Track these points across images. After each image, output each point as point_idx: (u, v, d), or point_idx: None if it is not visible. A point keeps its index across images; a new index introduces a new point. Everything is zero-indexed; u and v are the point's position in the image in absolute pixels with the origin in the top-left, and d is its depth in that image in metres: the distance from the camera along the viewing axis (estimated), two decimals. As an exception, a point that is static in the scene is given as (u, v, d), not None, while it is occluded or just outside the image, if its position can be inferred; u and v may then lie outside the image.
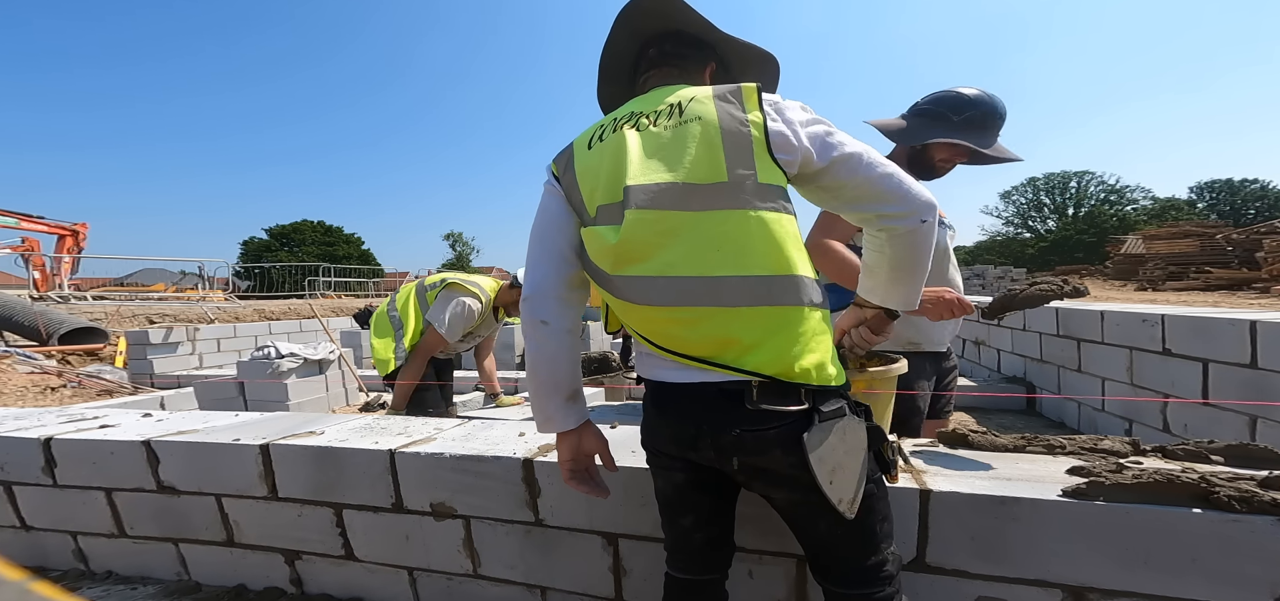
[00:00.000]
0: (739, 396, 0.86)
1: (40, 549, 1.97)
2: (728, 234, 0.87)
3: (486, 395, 3.48)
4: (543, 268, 1.03)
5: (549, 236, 1.03)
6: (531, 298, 1.03)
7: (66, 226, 16.72)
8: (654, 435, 1.01)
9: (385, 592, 1.63)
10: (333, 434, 1.67)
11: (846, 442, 0.85)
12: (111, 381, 5.79)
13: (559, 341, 1.02)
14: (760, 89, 0.93)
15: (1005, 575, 1.07)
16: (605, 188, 0.94)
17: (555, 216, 1.03)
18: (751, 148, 0.88)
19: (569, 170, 1.01)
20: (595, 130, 1.03)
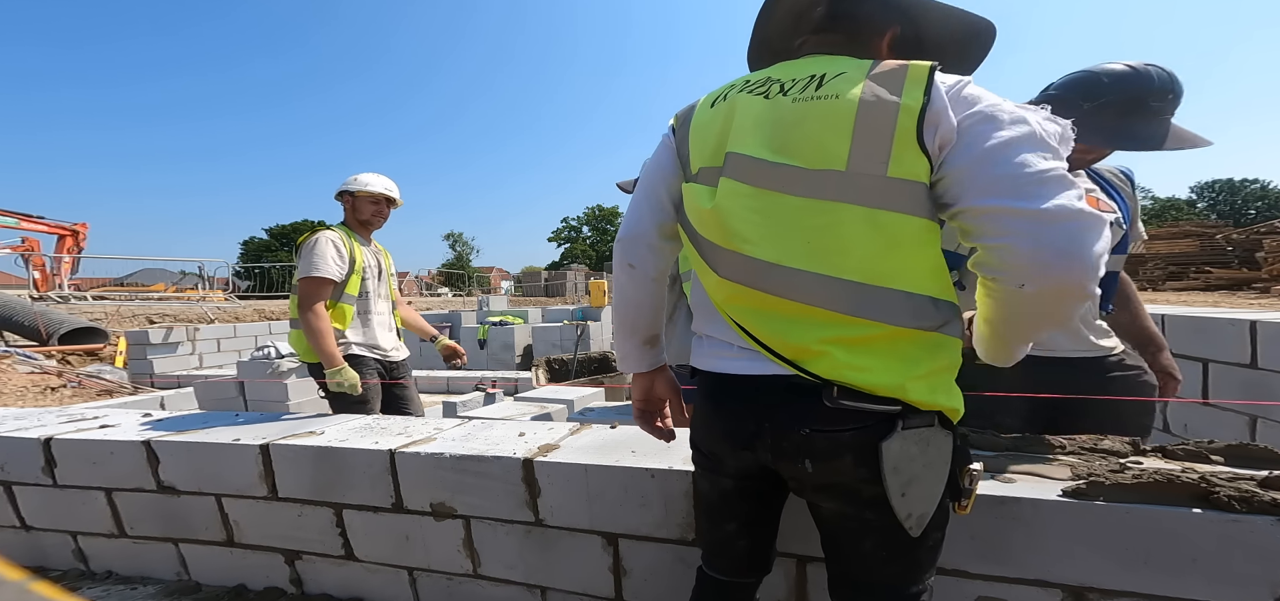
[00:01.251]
0: (815, 392, 0.78)
1: (40, 549, 1.97)
2: (824, 228, 0.78)
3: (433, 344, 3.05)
4: (640, 212, 1.01)
5: (652, 184, 1.01)
6: (625, 240, 1.02)
7: (66, 226, 16.73)
8: (706, 432, 0.96)
9: (385, 592, 1.63)
10: (333, 434, 1.67)
11: (928, 455, 0.78)
12: (111, 381, 5.79)
13: (642, 287, 1.03)
14: (935, 69, 0.76)
15: (1005, 575, 1.07)
16: (712, 148, 0.89)
17: (662, 166, 1.00)
18: (892, 135, 0.74)
19: (686, 124, 0.97)
20: (724, 89, 0.95)
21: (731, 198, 0.85)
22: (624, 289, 1.04)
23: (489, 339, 7.66)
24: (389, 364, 2.59)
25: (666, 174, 0.99)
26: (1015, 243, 0.69)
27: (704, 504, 1.02)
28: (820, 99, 0.80)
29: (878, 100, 0.76)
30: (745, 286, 0.84)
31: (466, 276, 38.05)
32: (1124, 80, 1.25)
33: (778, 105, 0.84)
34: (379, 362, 2.53)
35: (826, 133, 0.78)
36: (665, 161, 1.00)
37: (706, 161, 0.90)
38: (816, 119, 0.79)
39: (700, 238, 0.91)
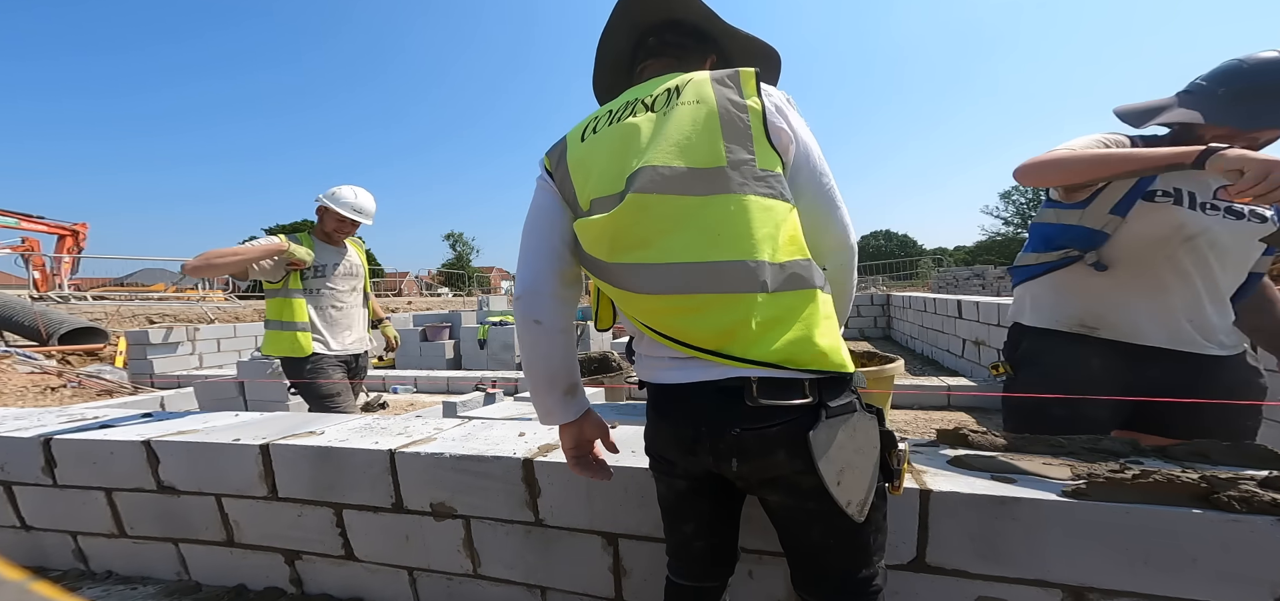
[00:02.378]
0: (738, 393, 0.83)
1: (40, 549, 1.97)
2: (728, 218, 0.84)
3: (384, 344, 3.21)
4: (535, 265, 1.00)
5: (541, 232, 1.00)
6: (524, 296, 1.00)
7: (66, 226, 16.73)
8: (655, 439, 1.00)
9: (385, 592, 1.63)
10: (333, 434, 1.67)
11: (856, 440, 0.82)
12: (111, 381, 5.79)
13: (552, 340, 1.00)
14: (758, 74, 0.91)
15: (1005, 575, 1.07)
16: (599, 179, 0.92)
17: (547, 211, 1.00)
18: (750, 132, 0.87)
19: (562, 163, 0.99)
20: (589, 122, 1.01)
21: (640, 212, 0.87)
22: (535, 345, 1.01)
23: (489, 339, 7.66)
24: (347, 358, 2.77)
25: (554, 218, 1.00)
26: (834, 239, 0.95)
27: (663, 505, 1.05)
28: (684, 105, 0.90)
29: (729, 104, 0.89)
30: (673, 294, 0.87)
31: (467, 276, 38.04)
32: (1260, 65, 1.25)
33: (651, 119, 0.92)
34: (339, 358, 2.71)
35: (702, 133, 0.87)
36: (549, 206, 1.01)
37: (600, 191, 0.92)
38: (690, 123, 0.88)
39: (608, 265, 0.92)
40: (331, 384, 2.64)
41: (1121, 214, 1.33)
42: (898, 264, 28.71)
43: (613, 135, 0.94)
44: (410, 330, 8.24)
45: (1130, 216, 1.33)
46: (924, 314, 7.73)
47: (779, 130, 0.89)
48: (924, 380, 4.96)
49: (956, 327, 6.29)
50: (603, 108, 1.02)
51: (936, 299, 7.12)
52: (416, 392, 6.16)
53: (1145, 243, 1.33)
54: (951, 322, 6.45)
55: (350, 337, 2.78)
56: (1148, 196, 1.31)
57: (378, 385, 6.18)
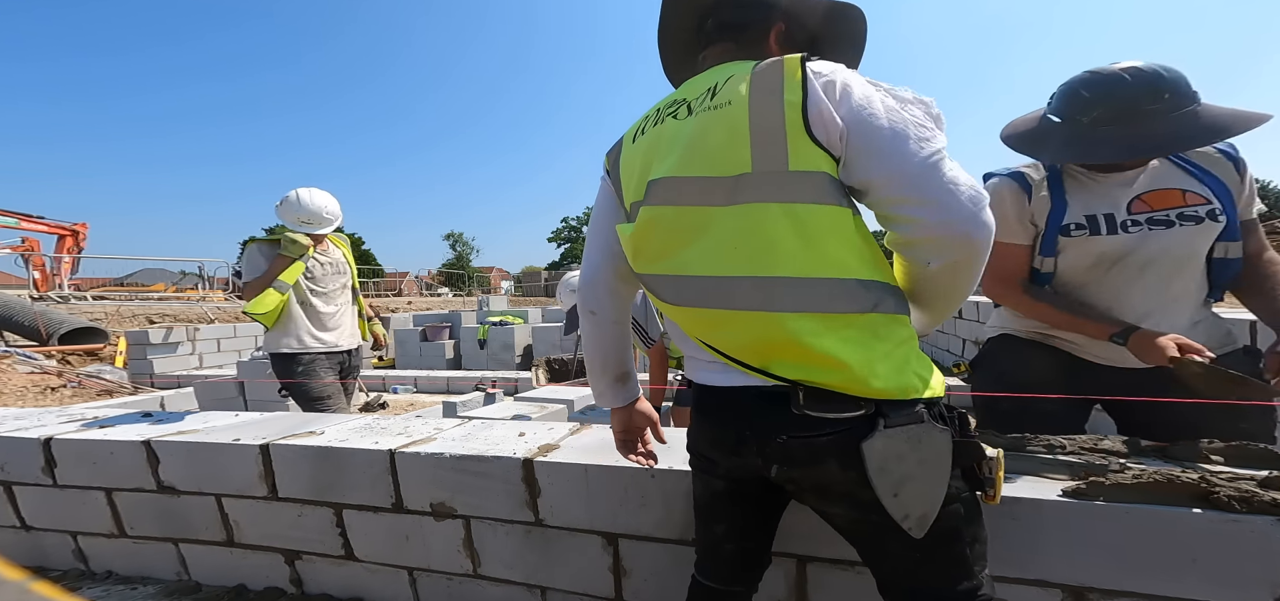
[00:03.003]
0: (784, 399, 0.78)
1: (40, 549, 1.97)
2: (748, 231, 0.78)
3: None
4: (594, 259, 1.04)
5: (600, 228, 1.03)
6: (584, 287, 1.05)
7: (66, 226, 16.74)
8: (697, 438, 0.97)
9: (385, 592, 1.63)
10: (333, 434, 1.67)
11: (921, 452, 0.74)
12: (111, 381, 5.79)
13: (606, 331, 1.06)
14: (805, 59, 0.78)
15: (1005, 575, 1.07)
16: (635, 185, 0.92)
17: (605, 209, 1.03)
18: (783, 130, 0.76)
19: (617, 164, 1.00)
20: (642, 122, 0.97)
21: (655, 224, 0.87)
22: (590, 334, 1.07)
23: (489, 339, 7.65)
24: (338, 355, 2.80)
25: (611, 216, 1.02)
26: (917, 229, 0.76)
27: (697, 504, 1.03)
28: (716, 108, 0.82)
29: (764, 99, 0.78)
30: (693, 307, 0.85)
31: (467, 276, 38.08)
32: (1114, 85, 1.23)
33: (685, 123, 0.86)
34: (330, 355, 2.74)
35: (726, 138, 0.80)
36: (607, 204, 1.03)
37: (634, 196, 0.92)
38: (717, 127, 0.81)
39: (640, 273, 0.94)
40: (323, 385, 2.63)
41: (1051, 254, 1.36)
42: (898, 264, 28.55)
43: (651, 139, 0.91)
44: (410, 330, 8.24)
45: (1058, 254, 1.35)
46: (924, 314, 7.71)
47: (824, 121, 0.76)
48: (924, 380, 4.94)
49: (957, 327, 6.29)
50: (654, 106, 0.98)
51: (936, 299, 7.11)
52: (416, 392, 6.15)
53: (1079, 271, 1.35)
54: (951, 323, 6.46)
55: (341, 335, 2.78)
56: (1064, 231, 1.33)
57: (378, 385, 6.18)
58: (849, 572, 1.17)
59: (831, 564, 1.18)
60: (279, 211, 2.67)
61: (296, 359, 2.61)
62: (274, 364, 2.66)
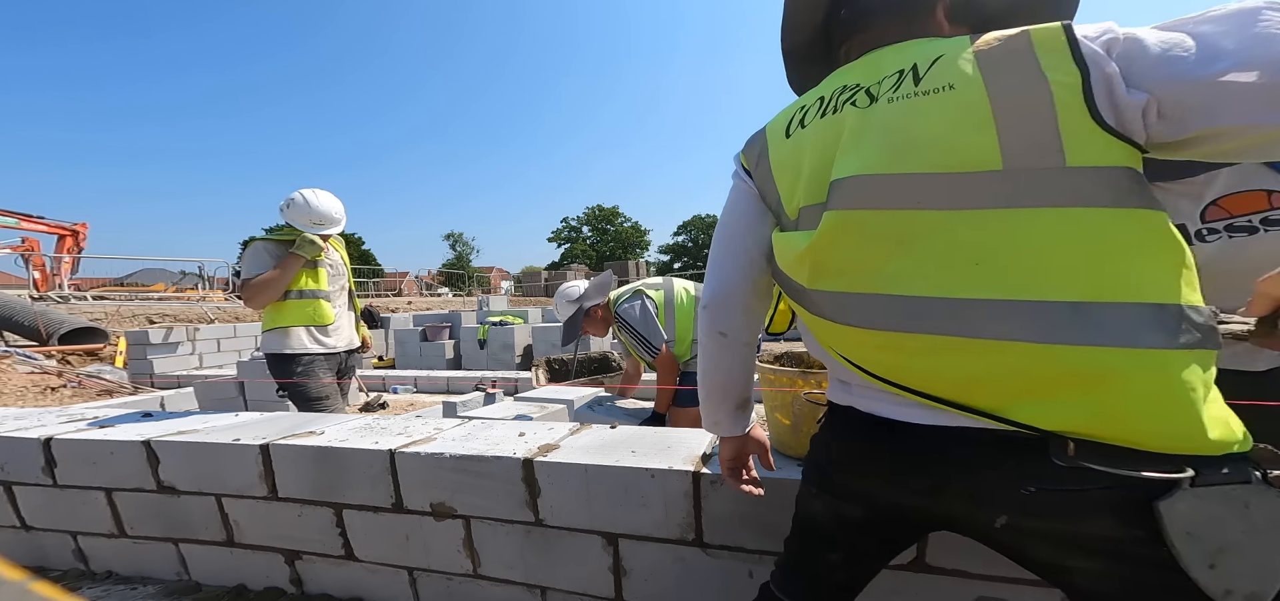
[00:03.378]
0: (1033, 448, 0.62)
1: (40, 549, 1.97)
2: (1001, 242, 0.63)
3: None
4: (727, 271, 0.90)
5: (736, 237, 0.89)
6: (712, 305, 0.91)
7: (66, 226, 16.74)
8: (844, 462, 0.83)
9: (385, 592, 1.63)
10: (333, 434, 1.67)
11: (1250, 519, 0.57)
12: (111, 381, 5.79)
13: (736, 354, 0.93)
14: (1068, 27, 0.62)
15: (1005, 575, 1.07)
16: (808, 184, 0.77)
17: (744, 214, 0.88)
18: (1052, 117, 0.61)
19: (763, 162, 0.85)
20: (793, 112, 0.84)
21: (848, 232, 0.71)
22: (715, 357, 0.94)
23: (489, 339, 7.65)
24: (336, 356, 2.80)
25: (752, 222, 0.88)
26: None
27: (809, 525, 0.90)
28: (929, 94, 0.67)
29: (1010, 80, 0.63)
30: (891, 331, 0.70)
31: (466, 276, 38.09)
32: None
33: (875, 112, 0.71)
34: (328, 356, 2.74)
35: (954, 128, 0.65)
36: (748, 209, 0.88)
37: (806, 199, 0.77)
38: (932, 116, 0.67)
39: (806, 291, 0.79)
40: (322, 386, 2.64)
41: None
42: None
43: (821, 131, 0.77)
44: (410, 330, 8.24)
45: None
46: (924, 314, 7.71)
47: (1116, 101, 0.60)
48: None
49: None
50: (810, 93, 0.84)
51: (936, 299, 7.11)
52: (416, 392, 6.15)
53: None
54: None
55: (340, 337, 2.80)
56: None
57: (378, 385, 6.18)
58: (849, 572, 1.17)
59: (831, 564, 1.18)
60: (287, 214, 2.65)
61: (296, 360, 2.61)
62: (272, 364, 2.66)
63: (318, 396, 2.63)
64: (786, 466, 1.23)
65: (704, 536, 1.26)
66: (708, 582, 1.28)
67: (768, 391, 1.31)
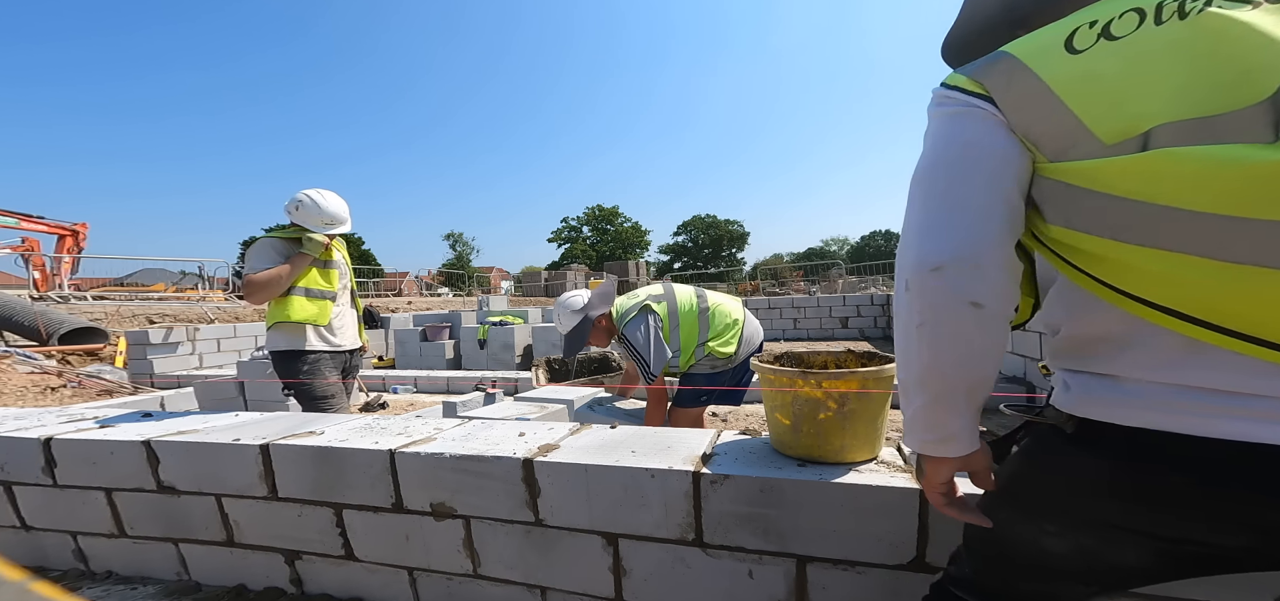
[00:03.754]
0: None
1: (40, 549, 1.97)
2: None
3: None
4: (978, 222, 0.69)
5: (987, 176, 0.69)
6: (955, 265, 0.69)
7: (66, 226, 16.75)
8: (1123, 496, 0.66)
9: (385, 592, 1.63)
10: (333, 434, 1.67)
11: None
12: (111, 381, 5.79)
13: (994, 332, 0.71)
14: None
15: (1005, 575, 1.07)
16: (1177, 95, 0.60)
17: (994, 150, 0.69)
18: None
19: (1022, 83, 0.68)
20: (1070, 27, 0.69)
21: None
22: (966, 340, 0.70)
23: (489, 339, 7.65)
24: (339, 354, 2.80)
25: (1011, 157, 0.69)
26: None
27: (1033, 563, 0.76)
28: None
29: None
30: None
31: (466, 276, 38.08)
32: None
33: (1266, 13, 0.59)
34: (334, 354, 2.74)
35: None
36: (1001, 142, 0.70)
37: (1183, 112, 0.60)
38: None
39: (1191, 217, 0.58)
40: (327, 385, 2.65)
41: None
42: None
43: (1185, 36, 0.62)
44: (410, 330, 8.24)
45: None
46: (924, 314, 7.71)
47: None
48: (924, 380, 4.94)
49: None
50: (1098, 6, 0.69)
51: (936, 299, 7.11)
52: (416, 392, 6.16)
53: None
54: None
55: (345, 336, 2.81)
56: None
57: (378, 385, 6.18)
58: (849, 572, 1.17)
59: (832, 564, 1.18)
60: (296, 215, 2.65)
61: (302, 358, 2.62)
62: (277, 362, 2.66)
63: (323, 395, 2.64)
64: (786, 466, 1.23)
65: (704, 536, 1.26)
66: (708, 582, 1.28)
67: (768, 391, 1.31)
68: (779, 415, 1.28)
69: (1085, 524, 0.70)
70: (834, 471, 1.19)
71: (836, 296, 11.46)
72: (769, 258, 54.61)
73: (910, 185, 0.77)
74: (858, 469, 1.20)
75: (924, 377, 0.75)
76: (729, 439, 1.44)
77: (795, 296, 13.45)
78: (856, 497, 1.14)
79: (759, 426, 4.24)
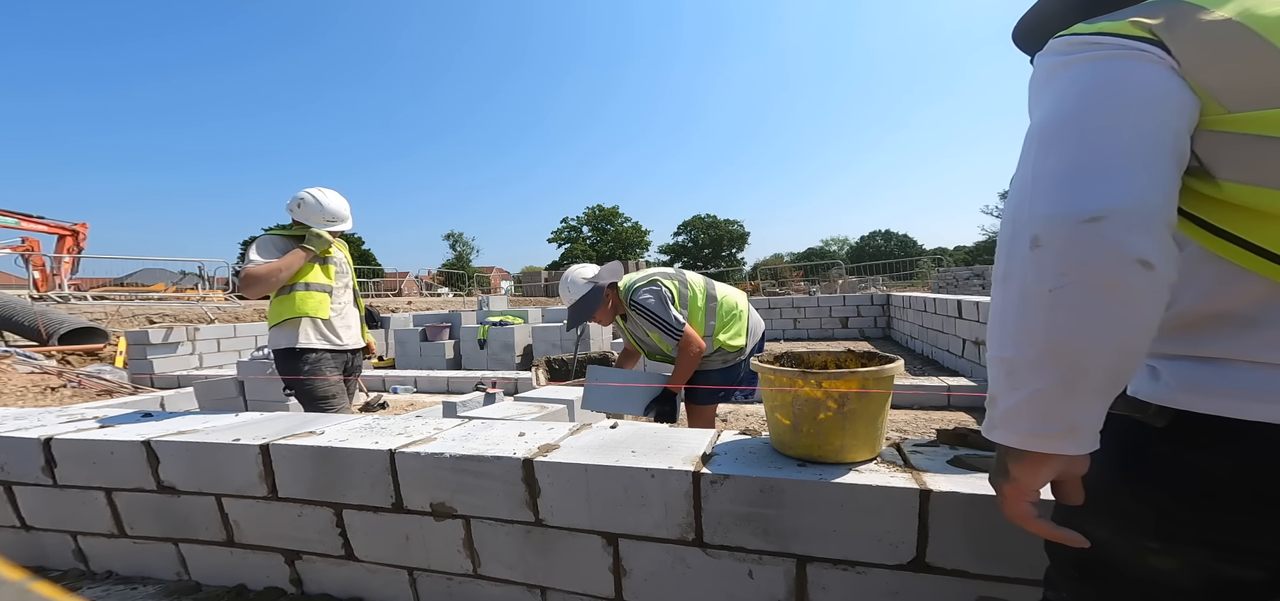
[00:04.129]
0: None
1: (40, 549, 1.97)
2: None
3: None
4: (1149, 167, 0.58)
5: (1156, 122, 0.59)
6: (1121, 215, 0.56)
7: (66, 226, 16.74)
8: (1250, 504, 0.58)
9: (385, 592, 1.63)
10: (333, 434, 1.67)
11: None
12: (111, 381, 5.80)
13: (1160, 300, 0.59)
14: None
15: (1005, 575, 1.07)
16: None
17: (1169, 91, 0.60)
18: None
19: (1209, 23, 0.61)
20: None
21: None
22: (1124, 307, 0.58)
23: (489, 339, 7.65)
24: (344, 354, 2.81)
25: (1181, 105, 0.60)
26: None
27: (1136, 585, 0.67)
28: None
29: None
30: None
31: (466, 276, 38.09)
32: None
33: None
34: (336, 353, 2.75)
35: None
36: (1169, 88, 0.60)
37: None
38: None
39: None
40: (328, 385, 2.65)
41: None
42: (897, 264, 28.73)
43: None
44: (410, 330, 8.24)
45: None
46: (924, 314, 7.73)
47: None
48: (924, 380, 4.96)
49: (956, 328, 6.29)
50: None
51: (936, 299, 7.13)
52: (416, 392, 6.16)
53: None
54: (951, 323, 6.46)
55: (348, 335, 2.82)
56: None
57: (378, 385, 6.18)
58: (849, 573, 1.17)
59: (832, 564, 1.18)
60: (299, 213, 2.66)
61: (304, 356, 2.62)
62: (279, 360, 2.66)
63: (324, 395, 2.64)
64: (786, 466, 1.23)
65: (704, 536, 1.26)
66: (708, 582, 1.28)
67: (768, 391, 1.31)
68: (779, 415, 1.28)
69: (1198, 539, 0.61)
70: (834, 471, 1.19)
71: (836, 296, 11.46)
72: (769, 257, 54.65)
73: (1034, 137, 0.65)
74: (858, 469, 1.20)
75: (1048, 355, 0.60)
76: (729, 439, 1.44)
77: (795, 296, 13.45)
78: (857, 497, 1.14)
79: (759, 426, 4.25)
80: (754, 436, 1.45)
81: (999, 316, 0.67)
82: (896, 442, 1.36)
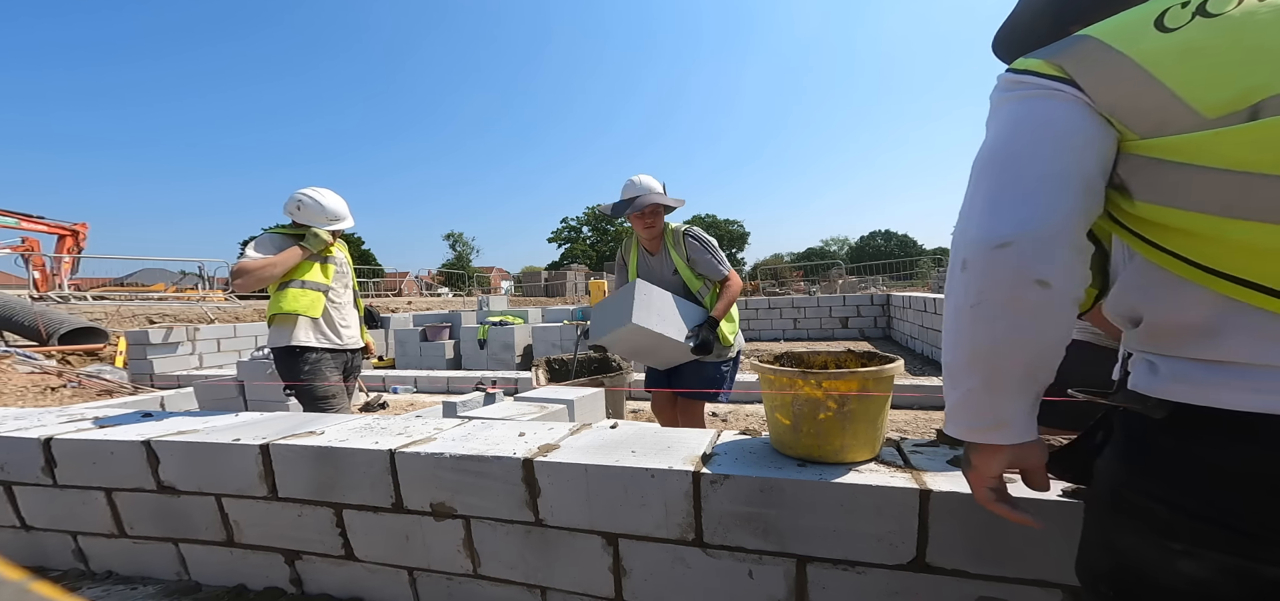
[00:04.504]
0: None
1: (40, 549, 1.97)
2: None
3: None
4: (1054, 199, 0.66)
5: (1068, 153, 0.67)
6: (1025, 241, 0.66)
7: (66, 226, 16.73)
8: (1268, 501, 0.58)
9: (385, 592, 1.63)
10: (333, 434, 1.67)
11: None
12: (111, 381, 5.79)
13: (1061, 313, 0.68)
14: None
15: (1005, 575, 1.07)
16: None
17: (1074, 129, 0.67)
18: None
19: (1106, 63, 0.67)
20: (1160, 7, 0.67)
21: None
22: (1028, 319, 0.67)
23: (489, 339, 7.65)
24: (344, 353, 2.82)
25: (1092, 136, 0.67)
26: None
27: (1166, 593, 0.66)
28: None
29: None
30: None
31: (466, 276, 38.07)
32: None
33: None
34: (335, 352, 2.75)
35: None
36: (1081, 122, 0.67)
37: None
38: None
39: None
40: (328, 385, 2.65)
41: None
42: (897, 264, 28.72)
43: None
44: (410, 330, 8.24)
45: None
46: (924, 314, 7.73)
47: None
48: (924, 380, 4.95)
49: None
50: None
51: (937, 299, 7.13)
52: (416, 392, 6.16)
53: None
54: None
55: (347, 334, 2.82)
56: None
57: (378, 385, 6.18)
58: (849, 572, 1.17)
59: (832, 564, 1.18)
60: (299, 214, 2.66)
61: (304, 356, 2.62)
62: (279, 359, 2.66)
63: (324, 395, 2.64)
64: (786, 466, 1.23)
65: (704, 536, 1.26)
66: (708, 582, 1.28)
67: (768, 392, 1.31)
68: (779, 415, 1.28)
69: (1210, 531, 0.62)
70: (834, 471, 1.19)
71: (836, 296, 11.46)
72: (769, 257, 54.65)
73: (973, 168, 0.74)
74: (858, 469, 1.20)
75: (974, 360, 0.72)
76: (729, 439, 1.44)
77: (795, 296, 13.45)
78: (856, 497, 1.14)
79: (759, 426, 4.24)
80: (754, 436, 1.45)
81: (944, 327, 0.78)
82: (896, 442, 1.36)
